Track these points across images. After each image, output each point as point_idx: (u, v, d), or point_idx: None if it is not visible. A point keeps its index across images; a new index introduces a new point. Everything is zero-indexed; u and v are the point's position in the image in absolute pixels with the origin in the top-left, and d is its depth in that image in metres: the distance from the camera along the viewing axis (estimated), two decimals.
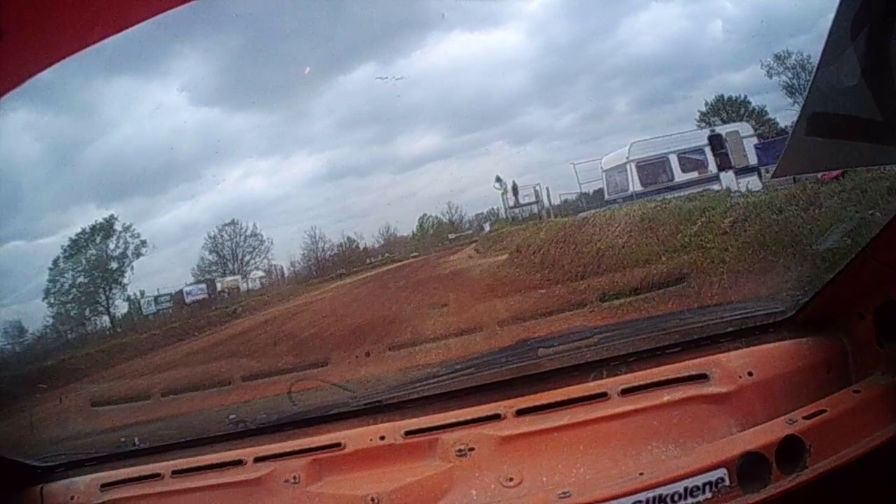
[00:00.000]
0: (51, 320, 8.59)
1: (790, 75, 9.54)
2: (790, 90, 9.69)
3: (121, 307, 9.22)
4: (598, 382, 1.40)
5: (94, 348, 7.86)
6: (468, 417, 1.39)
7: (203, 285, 9.86)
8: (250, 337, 7.41)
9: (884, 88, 1.08)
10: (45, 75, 0.98)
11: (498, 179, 9.18)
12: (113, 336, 8.62)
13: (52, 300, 8.57)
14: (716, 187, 8.85)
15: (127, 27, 0.95)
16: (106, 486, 1.46)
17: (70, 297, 8.84)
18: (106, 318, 9.02)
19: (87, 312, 8.85)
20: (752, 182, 8.44)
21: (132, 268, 9.03)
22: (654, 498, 1.12)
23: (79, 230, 8.96)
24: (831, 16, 1.09)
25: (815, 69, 1.23)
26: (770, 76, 9.84)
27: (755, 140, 9.63)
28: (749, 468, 1.14)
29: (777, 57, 9.64)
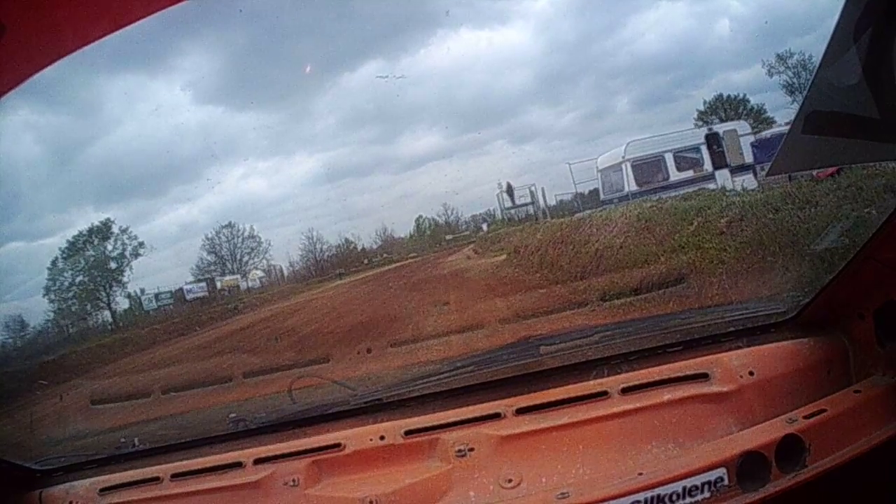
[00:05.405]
0: (52, 316, 8.58)
1: (791, 74, 9.57)
2: (790, 89, 9.72)
3: (122, 303, 9.23)
4: (599, 381, 1.40)
5: (95, 343, 7.85)
6: (468, 416, 1.39)
7: (203, 283, 9.86)
8: (251, 333, 7.41)
9: (884, 88, 1.09)
10: (47, 73, 0.98)
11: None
12: (114, 331, 8.62)
13: (52, 297, 8.56)
14: (711, 186, 8.87)
15: (129, 23, 0.95)
16: (105, 491, 1.45)
17: (71, 293, 8.84)
18: (107, 313, 9.02)
19: (88, 308, 8.86)
20: (748, 180, 8.45)
21: (131, 267, 9.03)
22: (652, 498, 1.12)
23: (81, 230, 8.95)
24: (836, 16, 1.09)
25: (816, 68, 1.23)
26: (771, 75, 9.87)
27: (752, 138, 9.64)
28: (748, 467, 1.14)
29: (779, 56, 9.66)
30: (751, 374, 1.32)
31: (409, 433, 1.39)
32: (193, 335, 8.13)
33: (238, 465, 1.41)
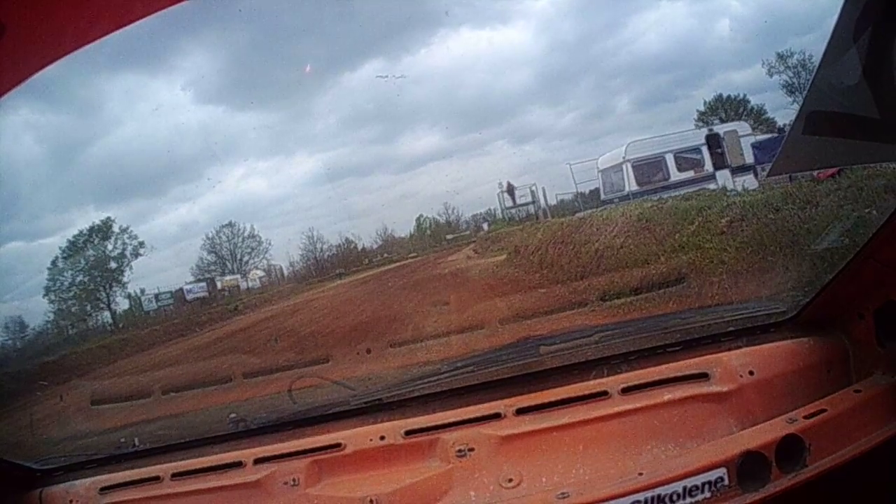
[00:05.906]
0: (52, 317, 8.58)
1: (791, 74, 9.58)
2: (790, 89, 9.74)
3: (122, 304, 9.24)
4: (599, 381, 1.40)
5: (96, 344, 7.85)
6: (468, 416, 1.39)
7: (203, 284, 9.87)
8: (251, 334, 7.41)
9: (884, 88, 1.09)
10: (47, 73, 0.98)
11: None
12: (114, 332, 8.62)
13: (52, 297, 8.56)
14: (711, 186, 8.90)
15: (129, 23, 0.95)
16: (105, 490, 1.45)
17: (71, 294, 8.84)
18: (107, 314, 9.03)
19: (88, 308, 8.86)
20: (748, 180, 8.47)
21: (131, 267, 9.04)
22: (652, 498, 1.11)
23: (81, 230, 8.95)
24: (836, 16, 1.09)
25: (816, 68, 1.24)
26: (771, 75, 9.88)
27: (752, 139, 9.66)
28: (749, 467, 1.14)
29: (779, 56, 9.68)
30: (751, 373, 1.31)
31: (409, 433, 1.39)
32: (193, 335, 8.14)
33: (238, 464, 1.42)
